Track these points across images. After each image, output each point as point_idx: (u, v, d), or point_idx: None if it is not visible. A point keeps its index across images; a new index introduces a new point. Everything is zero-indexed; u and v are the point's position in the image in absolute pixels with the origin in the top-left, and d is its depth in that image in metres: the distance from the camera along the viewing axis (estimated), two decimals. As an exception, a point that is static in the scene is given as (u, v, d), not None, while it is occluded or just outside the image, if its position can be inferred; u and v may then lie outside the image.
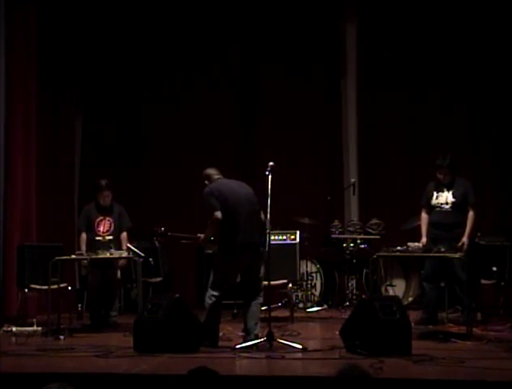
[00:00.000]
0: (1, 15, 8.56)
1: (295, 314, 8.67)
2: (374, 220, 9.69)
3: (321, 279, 9.71)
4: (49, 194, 9.86)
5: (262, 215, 6.66)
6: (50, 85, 9.92)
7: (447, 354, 5.87)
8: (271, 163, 6.67)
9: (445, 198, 7.85)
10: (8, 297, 8.64)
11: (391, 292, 9.12)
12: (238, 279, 6.74)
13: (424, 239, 7.78)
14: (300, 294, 9.63)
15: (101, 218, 8.36)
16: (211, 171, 6.91)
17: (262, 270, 6.65)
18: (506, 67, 10.04)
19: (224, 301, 6.80)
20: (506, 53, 10.05)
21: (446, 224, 7.77)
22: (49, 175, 9.93)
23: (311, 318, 8.93)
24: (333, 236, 9.75)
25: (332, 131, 10.77)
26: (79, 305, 8.92)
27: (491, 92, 10.19)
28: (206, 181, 6.84)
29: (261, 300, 6.71)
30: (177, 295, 6.69)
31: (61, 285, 7.89)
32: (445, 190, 7.88)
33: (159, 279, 9.38)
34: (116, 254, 7.90)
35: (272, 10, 10.74)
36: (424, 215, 8.00)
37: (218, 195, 6.58)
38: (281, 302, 9.40)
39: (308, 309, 9.38)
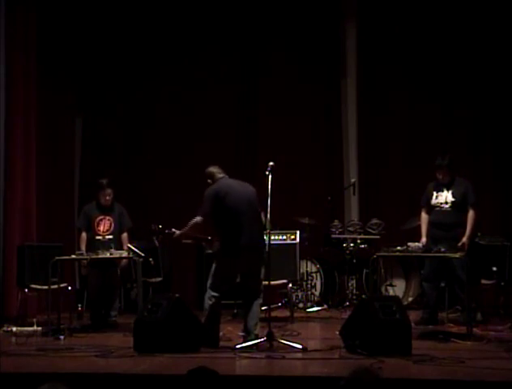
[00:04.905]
0: (1, 15, 8.57)
1: (295, 314, 8.67)
2: (374, 220, 9.69)
3: (321, 279, 9.72)
4: (48, 193, 9.87)
5: (263, 217, 6.66)
6: (50, 85, 9.93)
7: (447, 354, 5.87)
8: (271, 163, 6.67)
9: (444, 197, 7.86)
10: (8, 297, 8.64)
11: (391, 292, 9.12)
12: (238, 279, 6.74)
13: (424, 239, 7.78)
14: (300, 294, 9.63)
15: (101, 217, 8.37)
16: (214, 169, 6.88)
17: (263, 271, 6.65)
18: (506, 67, 10.05)
19: (223, 301, 6.81)
20: (507, 53, 10.05)
21: (446, 224, 7.77)
22: (49, 175, 9.93)
23: (311, 318, 8.93)
24: (333, 236, 9.75)
25: (332, 131, 10.78)
26: (79, 305, 8.92)
27: (491, 92, 10.19)
28: (208, 180, 6.82)
29: (261, 300, 6.71)
30: (177, 295, 6.69)
31: (61, 285, 7.89)
32: (444, 189, 7.88)
33: (159, 279, 9.39)
34: (116, 253, 7.90)
35: (273, 10, 10.75)
36: (424, 215, 8.00)
37: (223, 196, 6.56)
38: (281, 302, 9.40)
39: (308, 309, 9.37)
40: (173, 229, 7.02)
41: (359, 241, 9.62)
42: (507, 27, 10.01)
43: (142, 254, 7.85)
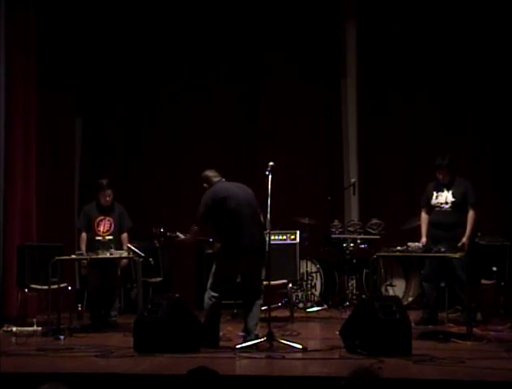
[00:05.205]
0: (1, 15, 8.57)
1: (295, 314, 8.67)
2: (374, 220, 9.68)
3: (321, 279, 9.71)
4: (49, 194, 9.87)
5: (262, 218, 6.65)
6: (50, 85, 9.92)
7: (447, 354, 5.87)
8: (271, 163, 6.67)
9: (444, 197, 7.85)
10: (8, 297, 8.64)
11: (391, 292, 9.12)
12: (239, 279, 6.74)
13: (424, 239, 7.78)
14: (300, 294, 9.62)
15: (101, 218, 8.36)
16: (210, 173, 6.85)
17: (263, 272, 6.65)
18: (507, 67, 10.04)
19: (224, 301, 6.81)
20: (507, 53, 10.05)
21: (446, 224, 7.77)
22: (49, 175, 9.93)
23: (311, 318, 8.93)
24: (333, 236, 9.75)
25: (332, 131, 10.77)
26: (79, 305, 8.92)
27: (491, 92, 10.18)
28: (205, 184, 6.80)
29: (261, 301, 6.72)
30: (177, 295, 6.69)
31: (61, 285, 7.89)
32: (444, 189, 7.88)
33: (159, 279, 9.39)
34: (116, 254, 7.90)
35: (273, 11, 10.74)
36: (424, 215, 8.00)
37: (221, 200, 6.56)
38: (281, 302, 9.40)
39: (308, 309, 9.37)
40: (178, 233, 7.02)
41: (359, 241, 9.61)
42: (507, 26, 10.01)
43: (142, 254, 7.85)
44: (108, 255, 7.81)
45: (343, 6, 10.85)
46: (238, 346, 6.32)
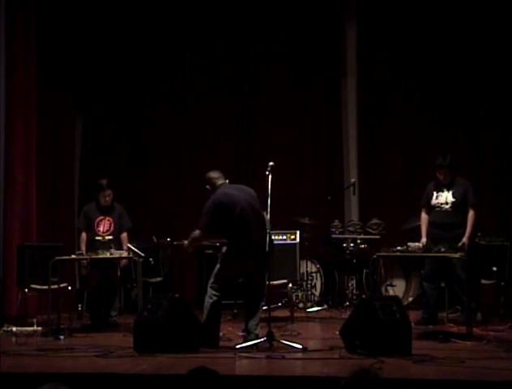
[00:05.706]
0: (1, 15, 8.56)
1: (295, 314, 8.66)
2: (374, 220, 9.68)
3: (321, 279, 9.71)
4: (48, 194, 9.87)
5: (265, 215, 6.64)
6: (50, 85, 9.92)
7: (447, 354, 5.87)
8: (271, 163, 6.67)
9: (445, 198, 7.85)
10: (8, 297, 8.63)
11: (391, 292, 9.12)
12: (241, 280, 6.74)
13: (423, 239, 7.78)
14: (300, 294, 9.62)
15: (101, 218, 8.36)
16: (214, 175, 6.82)
17: (267, 275, 6.64)
18: (507, 66, 10.04)
19: (224, 301, 6.81)
20: (507, 53, 10.05)
21: (446, 224, 7.77)
22: (49, 175, 9.94)
23: (311, 318, 8.92)
24: (333, 236, 9.74)
25: (332, 131, 10.77)
26: (79, 305, 8.92)
27: (491, 92, 10.18)
28: (207, 186, 6.79)
29: (263, 303, 6.72)
30: (177, 295, 6.69)
31: (61, 285, 7.90)
32: (445, 190, 7.87)
33: (159, 279, 9.39)
34: (116, 254, 7.90)
35: (272, 10, 10.74)
36: (423, 215, 8.00)
37: (226, 208, 6.54)
38: (281, 302, 9.40)
39: (308, 309, 9.37)
40: (184, 241, 7.02)
41: (359, 241, 9.61)
42: (507, 26, 10.01)
43: (143, 254, 7.84)
44: (108, 255, 7.81)
45: (343, 6, 10.84)
46: (238, 346, 6.32)
